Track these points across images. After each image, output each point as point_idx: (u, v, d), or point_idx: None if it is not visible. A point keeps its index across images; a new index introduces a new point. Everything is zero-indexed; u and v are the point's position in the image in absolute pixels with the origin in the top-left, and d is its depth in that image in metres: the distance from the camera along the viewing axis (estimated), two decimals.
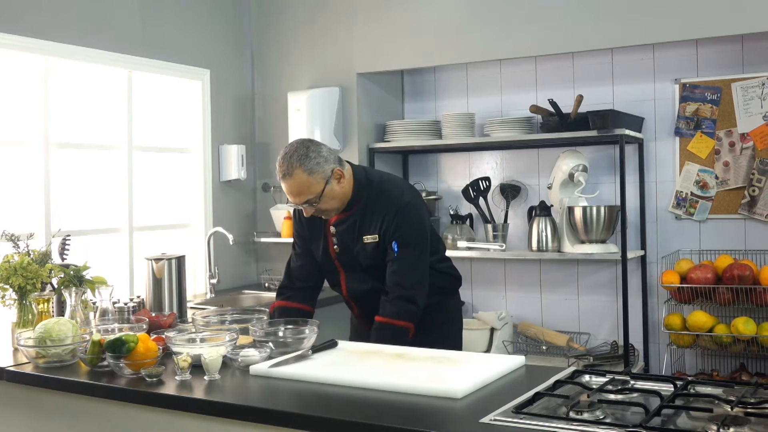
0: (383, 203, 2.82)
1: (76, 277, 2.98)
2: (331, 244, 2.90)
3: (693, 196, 4.27)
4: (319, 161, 2.71)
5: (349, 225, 2.85)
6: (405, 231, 2.79)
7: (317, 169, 2.70)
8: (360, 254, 2.85)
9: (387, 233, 2.78)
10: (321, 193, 2.72)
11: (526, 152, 4.68)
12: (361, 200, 2.83)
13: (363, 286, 2.91)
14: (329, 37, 4.88)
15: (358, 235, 2.83)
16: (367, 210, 2.82)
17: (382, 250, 2.80)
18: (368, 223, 2.82)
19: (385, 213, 2.79)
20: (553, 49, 4.27)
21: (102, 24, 4.14)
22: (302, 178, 2.69)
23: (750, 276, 3.86)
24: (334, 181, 2.75)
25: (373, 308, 2.83)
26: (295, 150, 2.72)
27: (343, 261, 2.91)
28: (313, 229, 2.96)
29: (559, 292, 4.63)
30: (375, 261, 2.82)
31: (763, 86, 4.08)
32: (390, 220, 2.77)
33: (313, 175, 2.69)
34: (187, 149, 4.77)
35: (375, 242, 2.80)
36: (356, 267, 2.89)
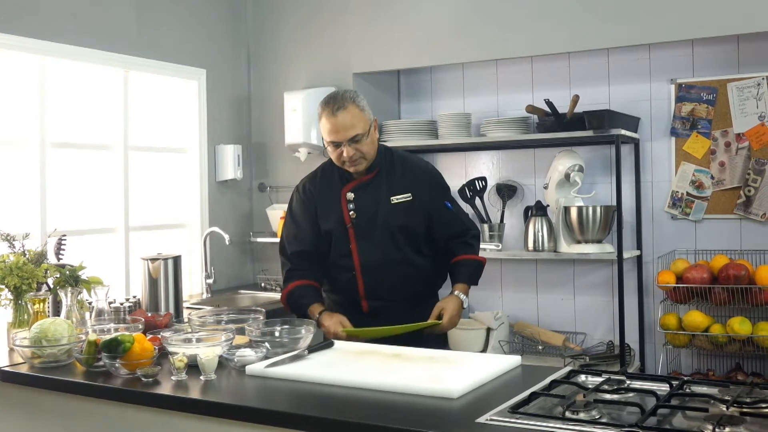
0: (412, 169, 3.04)
1: (71, 277, 2.97)
2: (345, 211, 2.97)
3: (689, 196, 4.28)
4: (365, 104, 2.93)
5: (372, 188, 2.98)
6: (447, 190, 3.12)
7: (366, 108, 2.92)
8: (388, 215, 2.94)
9: (425, 193, 3.00)
10: (368, 131, 2.89)
11: (522, 152, 4.68)
12: (383, 164, 3.01)
13: (374, 256, 2.94)
14: (325, 37, 4.88)
15: (386, 195, 2.96)
16: (393, 173, 3.01)
17: (417, 209, 2.97)
18: (397, 184, 2.99)
19: (417, 177, 3.02)
20: (550, 49, 4.27)
21: (98, 24, 4.14)
22: (355, 112, 2.87)
23: (745, 276, 3.87)
24: (374, 130, 2.95)
25: (379, 284, 2.95)
26: (344, 91, 2.95)
27: (358, 227, 2.95)
28: (324, 199, 3.03)
29: (555, 292, 4.64)
30: (407, 220, 2.96)
31: (759, 86, 4.09)
32: (427, 184, 3.03)
33: (363, 111, 2.89)
34: (184, 149, 4.77)
35: (408, 201, 2.97)
36: (372, 233, 2.94)
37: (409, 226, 2.96)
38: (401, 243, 2.96)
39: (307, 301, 2.98)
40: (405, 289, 3.00)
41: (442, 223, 3.03)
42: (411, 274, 3.00)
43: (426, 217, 3.00)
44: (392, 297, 2.98)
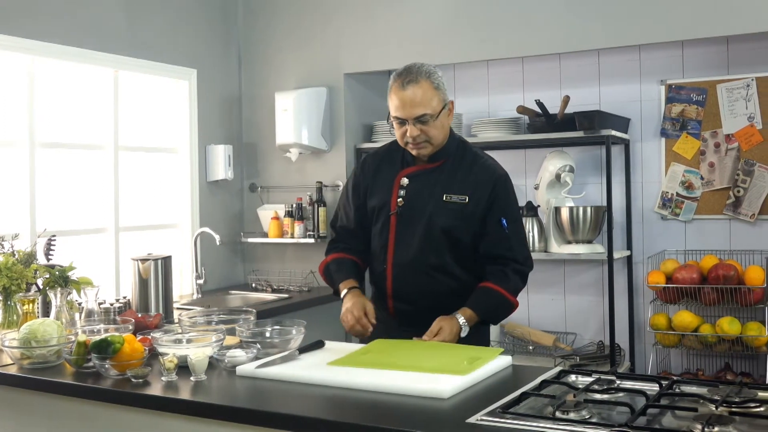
0: (480, 169, 2.69)
1: (61, 277, 2.96)
2: (395, 196, 2.71)
3: (678, 196, 4.29)
4: (442, 83, 2.65)
5: (430, 179, 2.69)
6: (511, 205, 2.72)
7: (442, 87, 2.64)
8: (435, 213, 2.65)
9: (483, 199, 2.65)
10: (439, 113, 2.61)
11: (513, 153, 4.69)
12: (450, 157, 2.71)
13: (408, 252, 2.67)
14: (316, 38, 4.87)
15: (440, 191, 2.66)
16: (458, 169, 2.69)
17: (470, 214, 2.64)
18: (457, 181, 2.67)
19: (482, 178, 2.67)
20: (540, 50, 4.28)
21: (88, 23, 4.12)
22: (427, 88, 2.60)
23: (735, 276, 3.88)
24: (447, 112, 2.67)
25: (408, 285, 2.68)
26: (421, 65, 2.65)
27: (400, 217, 2.69)
28: (379, 178, 2.78)
29: (545, 292, 4.64)
30: (454, 223, 2.64)
31: (748, 87, 4.11)
32: (489, 189, 2.65)
33: (438, 90, 2.62)
34: (174, 149, 4.76)
35: (462, 203, 2.64)
36: (413, 228, 2.67)
37: (453, 231, 2.64)
38: (441, 247, 2.65)
39: (339, 276, 2.77)
40: (435, 299, 2.67)
41: (489, 240, 2.65)
42: (446, 284, 2.68)
43: (478, 226, 2.65)
44: (419, 303, 2.68)
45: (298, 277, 4.77)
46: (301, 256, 4.93)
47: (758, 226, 4.14)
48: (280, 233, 4.85)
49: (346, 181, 2.94)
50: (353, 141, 4.85)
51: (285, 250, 5.01)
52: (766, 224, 4.12)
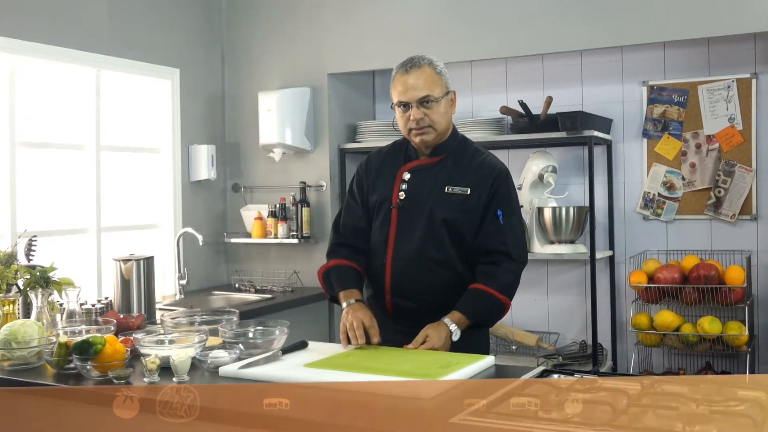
0: (481, 164, 2.72)
1: (42, 278, 2.93)
2: (396, 190, 2.71)
3: (660, 197, 4.32)
4: (444, 72, 2.72)
5: (431, 173, 2.70)
6: (510, 199, 2.72)
7: (446, 76, 2.71)
8: (436, 205, 2.64)
9: (485, 193, 2.66)
10: (441, 97, 2.65)
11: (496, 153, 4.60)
12: (452, 152, 2.73)
13: (409, 246, 2.65)
14: (300, 37, 4.86)
15: (442, 184, 2.67)
16: (460, 163, 2.71)
17: (471, 207, 2.65)
18: (458, 175, 2.69)
19: (483, 173, 2.69)
20: (523, 50, 4.30)
21: (70, 22, 4.09)
22: (430, 73, 2.67)
23: (715, 276, 3.91)
24: (450, 101, 2.71)
25: (408, 280, 2.65)
26: (423, 55, 2.73)
27: (402, 210, 2.68)
28: (382, 174, 2.78)
29: (528, 292, 4.66)
30: (455, 215, 2.63)
31: (729, 89, 4.14)
32: (490, 183, 2.67)
33: (440, 76, 2.68)
34: (157, 149, 4.73)
35: (464, 195, 2.65)
36: (415, 221, 2.66)
37: (454, 223, 2.63)
38: (443, 240, 2.64)
39: (340, 285, 2.71)
40: (436, 294, 2.64)
41: (483, 233, 2.64)
42: (447, 279, 2.65)
43: (478, 219, 2.65)
44: (419, 299, 2.65)
45: (281, 278, 4.76)
46: (285, 256, 4.92)
47: (738, 226, 4.17)
48: (264, 233, 4.84)
49: (350, 183, 2.94)
50: (337, 141, 4.84)
51: (268, 251, 5.00)
52: (747, 224, 4.16)
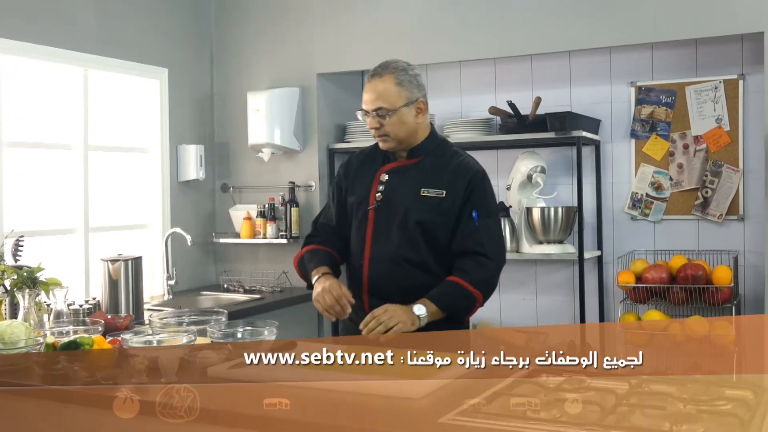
0: (458, 166, 2.72)
1: (29, 278, 2.92)
2: (374, 191, 2.74)
3: (648, 197, 4.34)
4: (412, 81, 2.70)
5: (408, 174, 2.73)
6: (486, 200, 2.72)
7: (407, 85, 2.69)
8: (411, 207, 2.67)
9: (460, 195, 2.67)
10: (396, 109, 2.65)
11: (485, 153, 4.70)
12: (430, 154, 2.75)
13: (385, 246, 2.69)
14: (289, 37, 4.86)
15: (418, 186, 2.69)
16: (437, 166, 2.73)
17: (447, 208, 2.66)
18: (435, 177, 2.70)
19: (459, 174, 2.70)
20: (512, 51, 4.31)
21: (58, 21, 4.07)
22: (390, 84, 2.67)
23: (703, 276, 3.93)
24: (414, 110, 2.70)
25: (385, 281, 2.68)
26: (396, 61, 2.74)
27: (378, 211, 2.71)
28: (361, 175, 2.81)
29: (517, 292, 4.67)
30: (430, 217, 2.66)
31: (716, 90, 4.16)
32: (465, 184, 2.68)
33: (400, 86, 2.67)
34: (145, 149, 4.71)
35: (440, 198, 2.67)
36: (391, 223, 2.69)
37: (429, 226, 2.66)
38: (418, 242, 2.66)
39: (311, 265, 2.76)
40: (412, 295, 2.62)
41: (459, 234, 2.66)
42: (423, 280, 2.66)
43: (453, 221, 2.67)
44: (395, 299, 2.63)
45: (270, 278, 4.75)
46: (274, 256, 4.91)
47: (726, 226, 4.19)
48: (252, 234, 4.83)
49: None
50: (326, 141, 4.84)
51: (257, 251, 4.99)
52: (734, 225, 4.18)
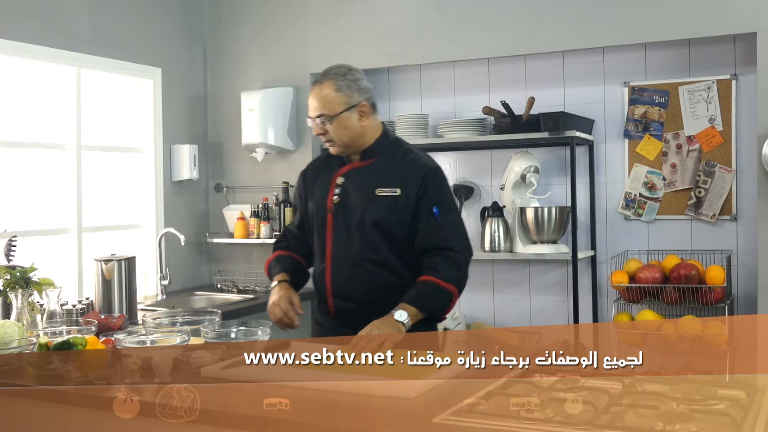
0: (410, 163, 2.76)
1: (22, 278, 2.91)
2: (331, 194, 2.79)
3: (641, 197, 4.35)
4: (351, 86, 2.72)
5: (362, 176, 2.77)
6: (443, 195, 2.76)
7: (346, 90, 2.71)
8: (367, 208, 2.71)
9: (413, 192, 2.71)
10: (337, 114, 2.70)
11: (478, 153, 4.71)
12: (383, 154, 2.79)
13: (346, 248, 2.74)
14: (283, 37, 4.85)
15: (373, 186, 2.74)
16: (390, 165, 2.77)
17: (402, 206, 2.70)
18: (389, 176, 2.74)
19: (412, 171, 2.73)
20: (506, 51, 4.31)
21: (51, 21, 4.06)
22: (328, 91, 2.71)
23: (696, 276, 3.94)
24: (356, 114, 2.73)
25: (348, 282, 2.73)
26: (338, 66, 2.76)
27: (336, 214, 2.76)
28: (319, 178, 2.88)
29: (511, 292, 4.67)
30: (386, 216, 2.70)
31: (709, 90, 4.17)
32: (419, 180, 2.71)
33: (339, 92, 2.70)
34: (138, 149, 4.71)
35: (394, 196, 2.71)
36: (349, 224, 2.74)
37: (386, 225, 2.70)
38: (377, 241, 2.70)
39: (274, 271, 2.86)
40: (375, 294, 2.69)
41: (423, 231, 2.70)
42: (384, 279, 2.71)
43: (410, 219, 2.71)
44: (359, 299, 2.71)
45: (263, 278, 4.72)
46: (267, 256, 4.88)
47: (719, 226, 4.20)
48: (246, 234, 4.83)
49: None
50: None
51: (251, 251, 4.99)
52: (727, 224, 4.19)
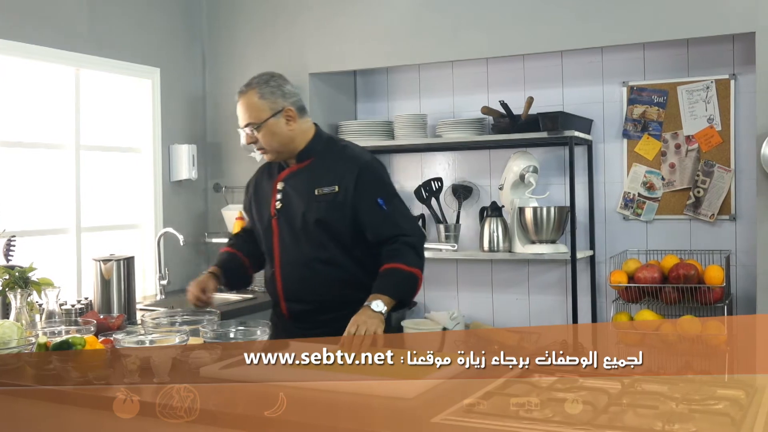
0: (345, 159, 2.80)
1: (21, 278, 2.91)
2: (273, 200, 2.83)
3: (640, 197, 4.35)
4: (274, 92, 2.76)
5: (300, 178, 2.81)
6: (384, 185, 2.80)
7: (269, 96, 2.75)
8: (308, 208, 2.74)
9: (351, 186, 2.73)
10: (264, 121, 2.74)
11: (477, 153, 4.71)
12: (318, 154, 2.82)
13: (293, 251, 2.78)
14: (282, 37, 4.85)
15: (312, 187, 2.77)
16: (325, 164, 2.79)
17: (342, 203, 2.72)
18: (325, 175, 2.77)
19: (347, 167, 2.76)
20: (505, 51, 4.31)
21: (48, 20, 4.06)
22: (252, 100, 2.75)
23: (695, 275, 3.95)
24: (283, 119, 2.76)
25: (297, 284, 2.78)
26: (261, 75, 2.81)
27: (281, 218, 2.80)
28: (261, 187, 2.94)
29: (510, 292, 4.68)
30: (328, 215, 2.73)
31: (708, 90, 4.17)
32: (355, 175, 2.74)
33: (263, 99, 2.74)
34: (137, 149, 4.70)
35: (333, 193, 2.73)
36: (293, 227, 2.77)
37: (329, 222, 2.73)
38: (324, 240, 2.74)
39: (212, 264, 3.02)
40: (328, 293, 2.75)
41: (373, 224, 2.72)
42: (334, 276, 2.75)
43: (354, 214, 2.72)
44: (310, 299, 2.77)
45: (262, 278, 4.72)
46: None
47: (717, 226, 4.21)
48: None
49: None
50: None
51: None
52: (725, 224, 4.19)
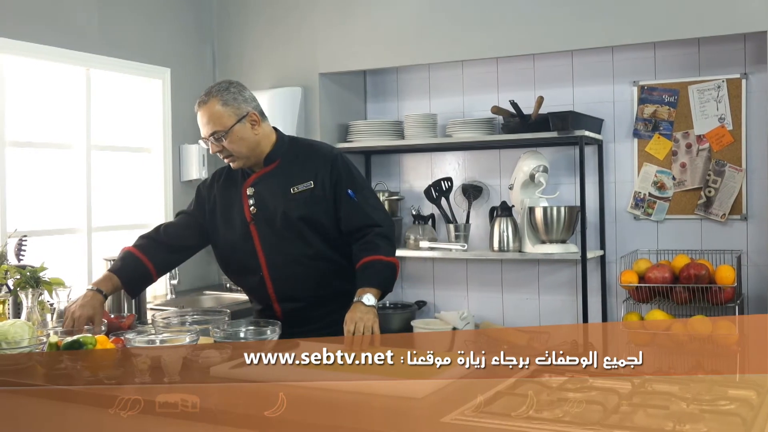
0: (314, 155, 2.84)
1: (32, 278, 2.92)
2: (246, 206, 2.82)
3: (651, 196, 4.33)
4: (236, 98, 2.77)
5: (271, 181, 2.81)
6: (353, 177, 2.83)
7: (232, 103, 2.75)
8: (288, 207, 2.77)
9: (327, 179, 2.78)
10: (230, 128, 2.72)
11: (487, 153, 4.71)
12: (284, 156, 2.84)
13: (280, 252, 2.79)
14: (292, 37, 4.86)
15: (286, 187, 2.79)
16: (295, 162, 2.83)
17: (319, 197, 2.77)
18: (297, 173, 2.80)
19: (318, 162, 2.81)
20: (515, 50, 4.30)
21: (59, 21, 4.07)
22: (215, 108, 2.73)
23: (706, 275, 3.93)
24: (248, 124, 2.76)
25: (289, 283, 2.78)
26: (219, 83, 2.82)
27: (258, 222, 2.80)
28: (226, 196, 2.89)
29: (519, 292, 4.67)
30: (309, 210, 2.77)
31: (719, 89, 4.16)
32: (328, 169, 2.79)
33: (226, 107, 2.74)
34: (147, 148, 4.72)
35: (309, 189, 2.78)
36: (274, 228, 2.78)
37: (312, 217, 2.77)
38: (308, 236, 2.77)
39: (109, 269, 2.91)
40: (319, 288, 2.80)
41: (345, 215, 2.78)
42: (324, 270, 2.80)
43: (332, 206, 2.79)
44: (305, 296, 2.80)
45: None
46: None
47: (728, 226, 4.19)
48: None
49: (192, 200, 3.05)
50: (328, 141, 4.82)
51: None
52: (737, 224, 4.17)
